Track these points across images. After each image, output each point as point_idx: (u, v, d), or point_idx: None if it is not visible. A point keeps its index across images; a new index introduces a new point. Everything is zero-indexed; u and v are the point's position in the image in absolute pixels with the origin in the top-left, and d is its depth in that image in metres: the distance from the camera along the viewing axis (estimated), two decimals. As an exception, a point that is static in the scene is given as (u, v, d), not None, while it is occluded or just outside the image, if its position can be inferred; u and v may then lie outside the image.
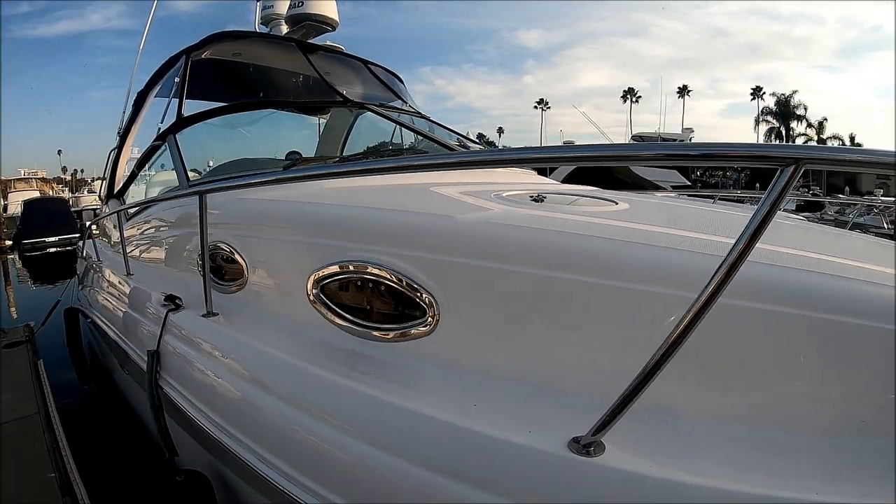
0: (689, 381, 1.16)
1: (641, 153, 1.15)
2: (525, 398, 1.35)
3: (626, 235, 1.55)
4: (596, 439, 1.08)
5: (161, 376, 2.17)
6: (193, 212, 2.73)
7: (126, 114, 5.28)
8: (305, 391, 1.56)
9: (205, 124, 3.60)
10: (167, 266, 3.02)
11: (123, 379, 3.42)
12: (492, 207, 2.00)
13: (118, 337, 2.94)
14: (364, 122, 5.23)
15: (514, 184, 2.84)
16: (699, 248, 1.41)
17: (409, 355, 1.61)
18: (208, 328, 2.07)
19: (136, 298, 2.82)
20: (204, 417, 1.87)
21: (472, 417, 1.26)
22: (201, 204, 2.01)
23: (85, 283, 4.89)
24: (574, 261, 1.42)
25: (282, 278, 2.12)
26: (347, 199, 2.16)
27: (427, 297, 1.58)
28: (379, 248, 1.69)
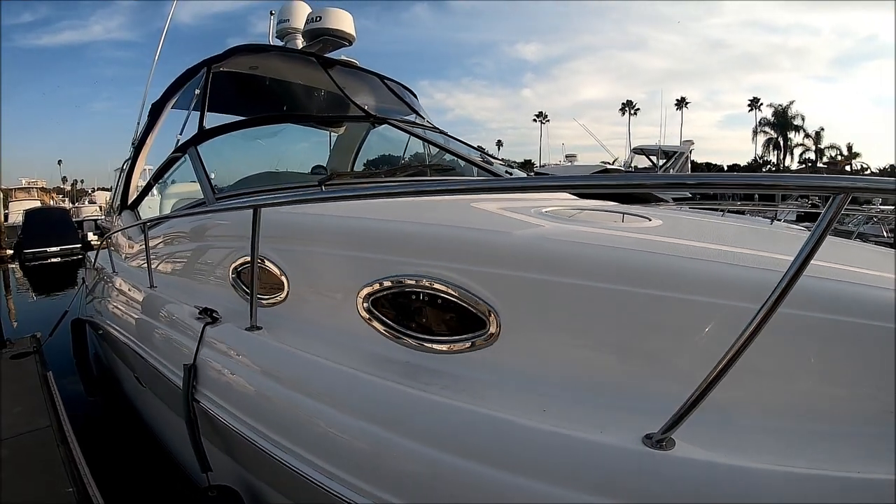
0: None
1: (707, 181, 1.29)
2: (588, 402, 1.41)
3: (674, 250, 1.67)
4: (667, 436, 1.16)
5: (197, 390, 2.14)
6: (223, 224, 2.76)
7: (141, 125, 5.27)
8: (372, 402, 1.55)
9: (225, 137, 3.60)
10: (194, 279, 2.99)
11: (137, 391, 3.40)
12: (541, 223, 2.07)
13: (141, 349, 2.88)
14: (374, 137, 5.29)
15: (546, 200, 2.90)
16: (744, 261, 1.54)
17: (470, 366, 1.64)
18: (255, 342, 2.03)
19: (164, 311, 2.78)
20: (254, 433, 1.82)
21: (545, 420, 1.31)
22: (255, 218, 1.99)
23: (95, 295, 4.85)
24: (632, 274, 1.51)
25: (329, 292, 2.11)
26: (392, 214, 2.18)
27: (487, 310, 1.63)
28: (437, 262, 1.73)
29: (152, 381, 2.83)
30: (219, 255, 2.75)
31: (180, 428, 2.45)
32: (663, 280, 1.47)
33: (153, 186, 4.46)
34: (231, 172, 3.69)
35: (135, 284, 3.47)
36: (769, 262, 1.51)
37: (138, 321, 3.11)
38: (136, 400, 3.67)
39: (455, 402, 1.43)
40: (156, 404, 2.97)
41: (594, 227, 2.17)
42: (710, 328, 1.40)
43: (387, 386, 1.55)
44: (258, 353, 1.98)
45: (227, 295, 2.50)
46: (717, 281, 1.45)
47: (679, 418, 1.14)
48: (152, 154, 4.83)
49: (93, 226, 24.30)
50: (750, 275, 1.45)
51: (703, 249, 1.81)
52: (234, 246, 2.56)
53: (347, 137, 5.58)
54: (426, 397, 1.48)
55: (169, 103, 4.50)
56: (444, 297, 1.70)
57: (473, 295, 1.65)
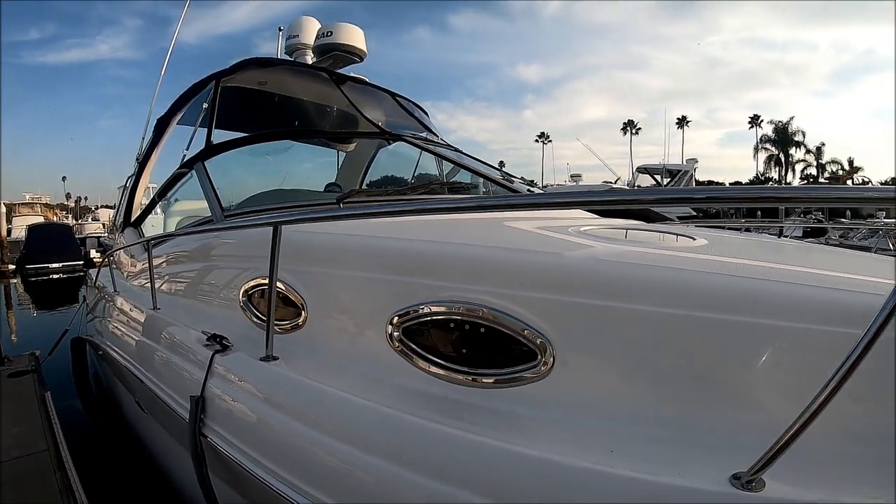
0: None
1: (776, 195, 1.21)
2: (658, 440, 1.27)
3: (737, 270, 1.53)
4: (757, 476, 1.05)
5: (205, 424, 1.98)
6: (233, 243, 2.63)
7: (146, 140, 5.18)
8: (412, 445, 1.38)
9: (233, 153, 3.49)
10: (200, 301, 2.85)
11: (138, 416, 3.26)
12: (590, 243, 1.94)
13: (142, 374, 2.75)
14: (383, 156, 5.24)
15: (576, 219, 2.77)
16: (824, 282, 1.44)
17: (520, 402, 1.47)
18: (271, 374, 1.85)
19: (168, 335, 2.64)
20: (271, 476, 1.65)
21: (615, 463, 1.17)
22: (275, 237, 1.83)
23: (96, 314, 4.73)
24: (703, 297, 1.37)
25: (354, 319, 1.94)
26: (419, 234, 2.06)
27: (538, 339, 1.47)
28: (482, 287, 1.57)
29: (154, 408, 2.68)
30: (227, 277, 2.61)
31: (183, 459, 2.30)
32: (739, 304, 1.34)
33: (157, 203, 4.34)
34: (239, 190, 3.53)
35: (137, 305, 3.34)
36: (852, 284, 1.43)
37: (140, 344, 2.97)
38: (137, 424, 3.52)
39: (509, 446, 1.26)
40: (157, 431, 2.82)
41: (645, 247, 2.04)
42: (791, 355, 1.27)
43: (429, 427, 1.38)
44: (275, 387, 1.81)
45: (236, 319, 2.35)
46: (801, 304, 1.31)
47: (772, 457, 1.02)
48: (156, 171, 4.73)
49: (95, 243, 24.22)
50: (836, 297, 1.32)
51: (776, 270, 1.69)
52: (244, 267, 2.42)
53: (356, 156, 5.49)
54: (475, 440, 1.31)
55: (175, 118, 4.39)
56: (489, 325, 1.53)
57: (523, 323, 1.49)
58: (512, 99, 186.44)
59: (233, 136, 3.64)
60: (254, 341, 2.08)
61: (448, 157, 4.11)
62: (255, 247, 2.41)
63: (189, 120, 4.18)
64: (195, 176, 3.42)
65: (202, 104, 3.78)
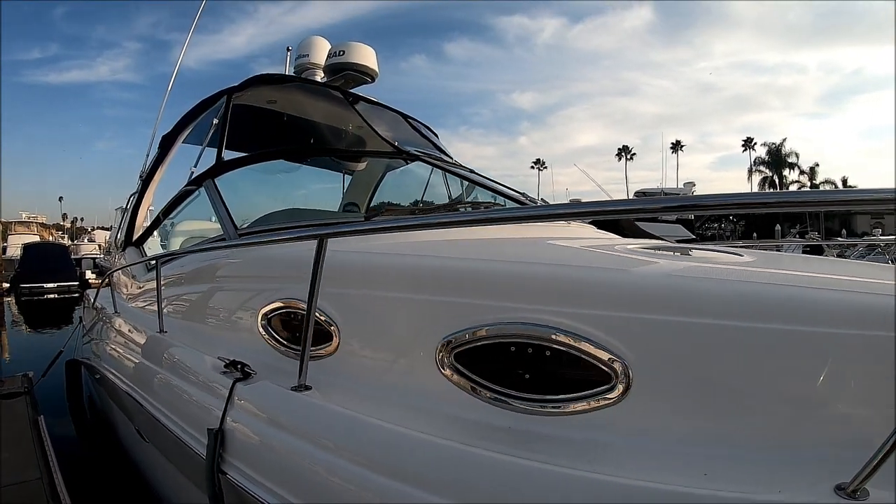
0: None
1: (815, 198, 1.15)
2: (748, 460, 1.20)
3: (808, 283, 1.52)
4: (861, 486, 1.01)
5: (225, 460, 1.80)
6: (251, 262, 2.50)
7: (150, 156, 5.07)
8: (482, 481, 1.22)
9: (242, 171, 3.40)
10: (211, 325, 2.71)
11: (137, 444, 3.11)
12: (650, 260, 1.85)
13: (145, 401, 2.59)
14: (390, 178, 5.16)
15: (607, 239, 2.74)
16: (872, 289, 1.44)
17: (595, 428, 1.35)
18: (306, 405, 1.65)
19: (177, 360, 2.47)
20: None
21: (712, 486, 1.09)
22: (320, 251, 1.66)
23: (93, 336, 4.58)
24: (786, 310, 1.31)
25: (397, 344, 1.78)
26: (459, 253, 1.94)
27: (613, 360, 1.36)
28: (544, 306, 1.46)
29: (157, 437, 2.53)
30: (243, 299, 2.46)
31: (189, 492, 2.18)
32: (826, 315, 1.28)
33: (162, 221, 4.20)
34: (248, 210, 3.40)
35: (140, 327, 3.19)
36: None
37: (143, 368, 2.81)
38: (135, 452, 3.37)
39: (597, 475, 1.15)
40: (159, 462, 2.67)
41: (702, 262, 1.95)
42: (875, 367, 1.22)
43: (500, 460, 1.23)
44: (312, 420, 1.62)
45: (253, 345, 2.19)
46: (881, 314, 1.25)
47: (877, 465, 0.98)
48: (160, 189, 4.64)
49: (91, 264, 24.05)
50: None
51: (842, 280, 1.66)
52: (263, 288, 2.29)
53: (363, 178, 5.39)
54: (556, 472, 1.18)
55: (181, 135, 4.29)
56: (556, 348, 1.41)
57: (595, 343, 1.38)
58: (507, 126, 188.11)
59: (241, 156, 3.57)
60: (275, 369, 1.94)
61: (468, 177, 4.06)
62: (275, 266, 2.32)
63: (196, 137, 4.12)
64: (204, 194, 3.30)
65: (212, 120, 3.68)
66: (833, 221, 41.53)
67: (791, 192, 1.12)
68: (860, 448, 1.01)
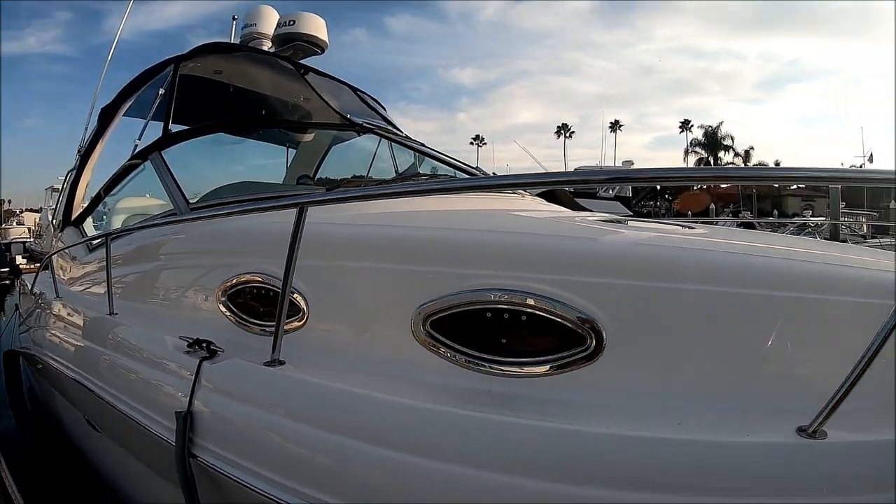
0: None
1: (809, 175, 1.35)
2: (717, 410, 1.31)
3: (761, 252, 1.73)
4: (819, 427, 1.14)
5: (195, 443, 1.71)
6: (205, 237, 2.37)
7: (89, 130, 4.77)
8: (474, 441, 1.27)
9: (191, 143, 3.26)
10: (164, 304, 2.57)
11: (89, 436, 2.94)
12: (616, 230, 1.96)
13: (98, 388, 2.40)
14: (335, 150, 5.08)
15: (563, 211, 2.83)
16: (838, 262, 1.67)
17: (572, 388, 1.42)
18: (283, 380, 1.62)
19: (133, 343, 2.32)
20: (298, 497, 1.43)
21: (688, 432, 1.21)
22: (299, 220, 1.61)
23: (32, 324, 4.29)
24: (748, 276, 1.46)
25: (370, 315, 1.77)
26: (430, 223, 1.95)
27: (587, 322, 1.42)
28: (518, 273, 1.51)
29: (112, 426, 2.39)
30: (200, 275, 2.35)
31: (152, 483, 2.09)
32: (778, 281, 1.44)
33: (104, 198, 3.95)
34: (195, 185, 3.21)
35: (86, 311, 2.99)
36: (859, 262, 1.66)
37: (93, 354, 2.61)
38: (87, 445, 3.19)
39: (579, 428, 1.23)
40: (115, 452, 2.53)
41: (668, 234, 2.02)
42: (826, 326, 1.40)
43: (488, 420, 1.28)
44: (291, 395, 1.59)
45: (213, 323, 2.09)
46: (830, 279, 1.47)
47: (832, 408, 1.12)
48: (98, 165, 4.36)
49: (21, 248, 22.79)
50: (853, 273, 1.53)
51: (797, 252, 1.81)
52: (223, 263, 2.17)
53: (307, 151, 5.23)
54: (541, 426, 1.25)
55: (123, 106, 4.04)
56: (532, 313, 1.45)
57: (570, 307, 1.43)
58: (447, 102, 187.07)
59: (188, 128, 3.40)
60: (239, 346, 1.86)
61: (423, 150, 4.05)
62: (234, 240, 2.22)
63: (138, 109, 3.90)
64: (150, 167, 3.14)
65: (157, 90, 3.48)
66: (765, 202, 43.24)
67: (776, 168, 1.31)
68: (817, 399, 1.14)
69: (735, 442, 1.16)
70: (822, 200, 42.52)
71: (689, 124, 71.49)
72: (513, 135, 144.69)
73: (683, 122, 72.70)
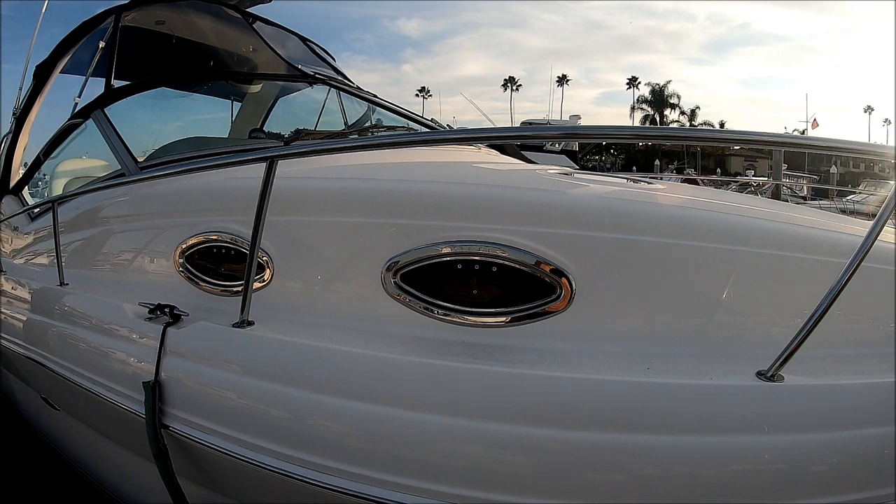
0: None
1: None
2: (683, 356, 1.39)
3: (729, 210, 1.82)
4: (777, 372, 1.22)
5: (166, 413, 1.64)
6: (155, 198, 2.24)
7: (23, 90, 4.43)
8: (450, 389, 1.31)
9: (135, 99, 3.08)
10: (117, 271, 2.43)
11: (47, 416, 2.81)
12: (580, 183, 2.00)
13: (55, 364, 2.25)
14: (281, 103, 4.89)
15: (522, 164, 2.89)
16: (779, 219, 1.77)
17: (543, 337, 1.46)
18: (254, 341, 1.58)
19: (88, 313, 2.20)
20: (275, 458, 1.40)
21: (655, 377, 1.29)
22: (269, 175, 1.53)
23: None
24: (713, 231, 1.54)
25: (337, 271, 1.74)
26: (396, 176, 1.95)
27: (556, 272, 1.46)
28: (487, 225, 1.52)
29: (72, 402, 2.27)
30: (153, 237, 2.23)
31: (119, 457, 2.04)
32: (743, 237, 1.52)
33: (44, 162, 3.71)
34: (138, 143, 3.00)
35: (34, 284, 2.83)
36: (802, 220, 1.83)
37: (46, 328, 2.46)
38: (41, 422, 3.04)
39: (549, 373, 1.31)
40: (75, 429, 2.41)
41: (628, 188, 2.08)
42: (781, 280, 1.51)
43: (462, 368, 1.34)
44: (263, 355, 1.55)
45: (170, 287, 1.99)
46: (787, 237, 1.58)
47: (789, 355, 1.21)
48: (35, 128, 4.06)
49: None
50: (811, 233, 1.67)
51: (742, 208, 1.95)
52: (178, 223, 2.06)
53: (256, 103, 4.96)
54: (512, 373, 1.31)
55: (60, 63, 3.75)
56: (503, 263, 1.47)
57: (540, 257, 1.46)
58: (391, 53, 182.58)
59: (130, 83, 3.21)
60: (201, 309, 1.78)
61: (378, 101, 3.99)
62: (190, 199, 2.10)
63: (76, 65, 3.66)
64: (92, 126, 2.95)
65: (97, 44, 3.26)
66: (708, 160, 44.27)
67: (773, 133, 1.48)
68: (774, 347, 1.23)
69: (700, 384, 1.26)
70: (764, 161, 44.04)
71: (637, 81, 72.36)
72: (458, 87, 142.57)
73: (631, 79, 73.54)
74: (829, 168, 32.31)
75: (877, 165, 43.55)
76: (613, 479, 1.22)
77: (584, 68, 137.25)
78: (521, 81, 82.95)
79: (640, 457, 1.20)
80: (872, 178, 25.59)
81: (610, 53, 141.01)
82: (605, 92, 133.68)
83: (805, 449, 1.20)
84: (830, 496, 1.21)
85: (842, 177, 32.50)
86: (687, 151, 47.05)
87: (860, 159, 44.60)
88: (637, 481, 1.21)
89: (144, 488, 2.02)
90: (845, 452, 1.21)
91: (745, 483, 1.19)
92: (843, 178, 32.53)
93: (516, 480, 1.23)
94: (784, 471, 1.20)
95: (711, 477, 1.19)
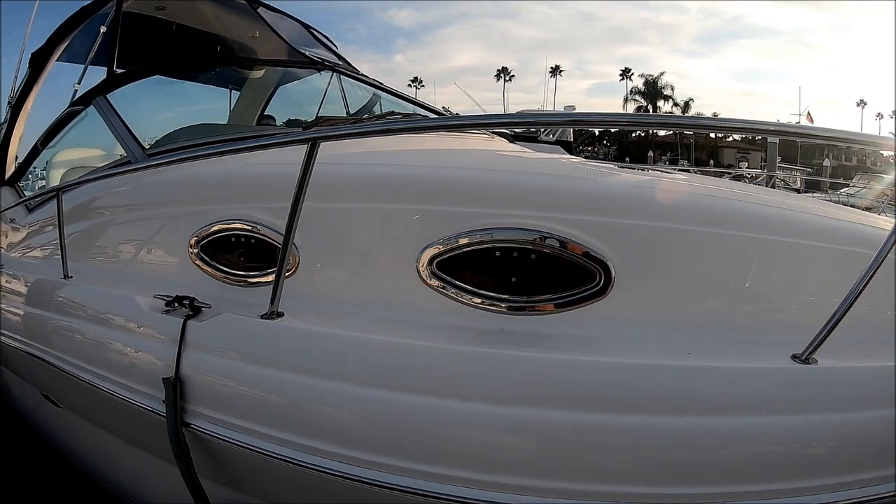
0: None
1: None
2: (721, 342, 1.42)
3: (759, 201, 1.91)
4: (811, 356, 1.26)
5: (187, 411, 1.57)
6: (165, 186, 2.17)
7: (19, 79, 4.32)
8: (492, 378, 1.28)
9: (138, 85, 3.01)
10: (124, 263, 2.34)
11: (49, 414, 2.74)
12: (611, 171, 2.10)
13: (60, 360, 2.15)
14: (281, 91, 4.80)
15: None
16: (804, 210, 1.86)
17: (583, 324, 1.46)
18: (286, 333, 1.52)
19: (98, 306, 2.10)
20: (313, 455, 1.34)
21: (698, 360, 1.32)
22: (310, 156, 1.46)
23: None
24: (749, 221, 1.59)
25: (369, 259, 1.70)
26: (429, 163, 1.95)
27: (596, 260, 1.46)
28: (526, 212, 1.51)
29: (79, 400, 2.19)
30: (163, 226, 2.16)
31: (129, 456, 2.00)
32: (778, 227, 1.59)
33: (41, 152, 3.62)
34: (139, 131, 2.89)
35: (35, 277, 2.73)
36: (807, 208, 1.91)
37: (50, 323, 2.36)
38: (43, 421, 2.95)
39: (590, 358, 1.32)
40: (82, 428, 2.34)
41: (658, 177, 2.12)
42: (813, 268, 1.54)
43: (505, 355, 1.32)
44: (296, 348, 1.49)
45: (184, 278, 1.91)
46: (823, 227, 1.67)
47: (822, 339, 1.24)
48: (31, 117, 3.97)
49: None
50: (838, 224, 1.74)
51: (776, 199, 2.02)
52: (191, 212, 1.98)
53: (253, 92, 4.86)
54: (560, 358, 1.31)
55: (58, 49, 3.65)
56: (541, 251, 1.47)
57: (580, 244, 1.46)
58: (383, 43, 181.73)
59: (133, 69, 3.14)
60: (220, 301, 1.70)
61: (386, 88, 3.97)
62: (204, 187, 2.03)
63: (74, 53, 3.58)
64: (94, 113, 2.86)
65: (97, 29, 3.17)
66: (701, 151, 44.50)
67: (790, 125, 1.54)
68: (807, 333, 1.26)
69: (740, 367, 1.28)
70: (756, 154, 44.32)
71: (630, 72, 72.33)
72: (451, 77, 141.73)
73: (624, 70, 73.43)
74: (822, 161, 32.51)
75: (868, 159, 44.06)
76: (660, 460, 1.22)
77: (577, 59, 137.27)
78: (513, 72, 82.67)
79: (687, 437, 1.21)
80: (865, 172, 25.70)
81: (603, 44, 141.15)
82: (597, 83, 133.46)
83: (841, 427, 1.24)
84: (868, 472, 1.23)
85: (834, 170, 32.67)
86: (680, 142, 47.14)
87: (852, 152, 45.55)
88: (684, 461, 1.22)
89: (156, 487, 1.97)
90: (879, 430, 1.24)
91: (786, 462, 1.22)
92: (836, 172, 32.74)
93: (562, 465, 1.23)
94: (819, 451, 1.24)
95: (754, 456, 1.21)
